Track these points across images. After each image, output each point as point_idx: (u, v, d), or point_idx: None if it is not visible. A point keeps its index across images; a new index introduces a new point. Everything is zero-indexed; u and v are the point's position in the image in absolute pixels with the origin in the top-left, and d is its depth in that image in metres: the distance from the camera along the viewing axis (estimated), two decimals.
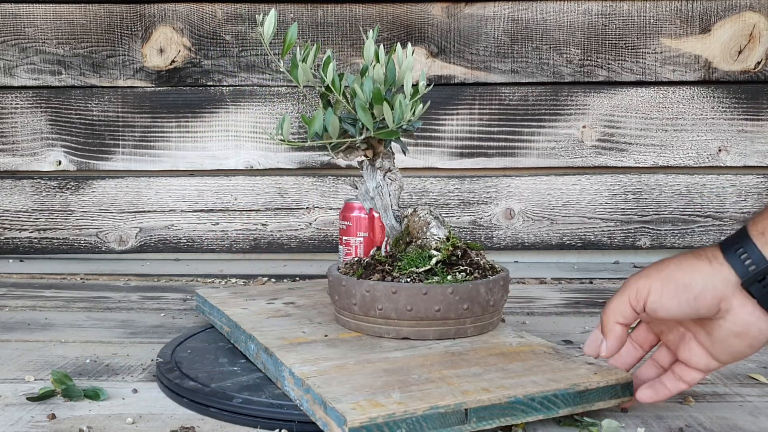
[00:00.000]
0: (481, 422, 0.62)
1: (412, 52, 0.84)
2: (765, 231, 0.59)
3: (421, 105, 0.81)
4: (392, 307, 0.78)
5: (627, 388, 0.69)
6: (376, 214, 1.02)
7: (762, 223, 0.59)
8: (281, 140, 0.82)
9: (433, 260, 0.79)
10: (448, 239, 0.83)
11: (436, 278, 0.78)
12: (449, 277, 0.79)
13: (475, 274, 0.80)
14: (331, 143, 0.82)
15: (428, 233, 0.83)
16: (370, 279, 0.80)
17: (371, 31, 0.85)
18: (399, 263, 0.81)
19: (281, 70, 0.85)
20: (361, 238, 1.00)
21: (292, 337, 0.81)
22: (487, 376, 0.68)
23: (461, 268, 0.80)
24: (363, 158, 0.88)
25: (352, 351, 0.76)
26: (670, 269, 0.62)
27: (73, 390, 0.75)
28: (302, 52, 0.85)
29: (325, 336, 0.82)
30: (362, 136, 0.81)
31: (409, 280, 0.79)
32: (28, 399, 0.75)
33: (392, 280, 0.79)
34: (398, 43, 0.84)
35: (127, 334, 1.03)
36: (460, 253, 0.82)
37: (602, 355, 0.68)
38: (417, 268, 0.79)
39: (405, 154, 0.92)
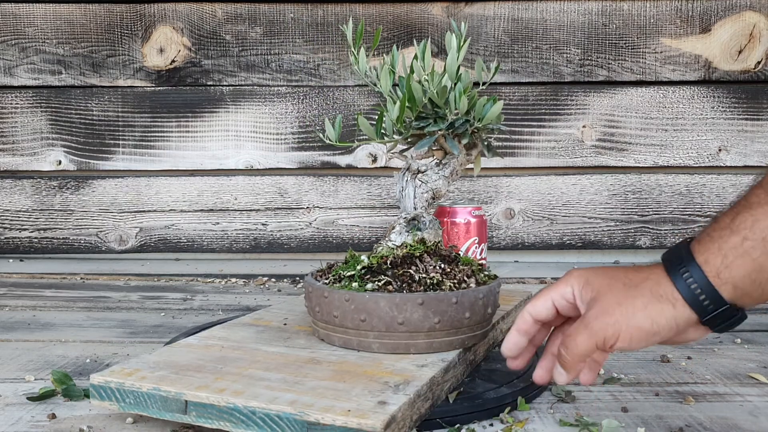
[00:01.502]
0: (201, 418, 0.62)
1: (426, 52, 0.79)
2: (719, 272, 0.57)
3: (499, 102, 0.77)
4: (309, 306, 0.78)
5: None
6: (457, 219, 1.00)
7: (710, 254, 0.58)
8: (329, 142, 0.80)
9: (359, 266, 0.77)
10: (407, 246, 0.78)
11: (354, 284, 0.75)
12: (368, 286, 0.74)
13: (389, 288, 0.73)
14: (409, 134, 0.78)
15: (388, 238, 0.81)
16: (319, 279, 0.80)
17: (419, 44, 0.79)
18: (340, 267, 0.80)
19: (367, 76, 0.80)
20: None
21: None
22: (287, 386, 0.63)
23: (382, 278, 0.74)
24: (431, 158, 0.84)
25: (256, 337, 0.80)
26: (634, 311, 0.59)
27: (74, 390, 0.75)
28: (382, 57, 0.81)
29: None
30: (450, 130, 0.76)
31: (333, 284, 0.77)
32: (28, 399, 0.75)
33: (325, 282, 0.78)
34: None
35: (127, 333, 1.03)
36: (402, 261, 0.76)
37: (560, 382, 0.65)
38: (344, 272, 0.77)
39: (488, 155, 0.83)
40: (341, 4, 1.59)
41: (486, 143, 0.82)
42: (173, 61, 1.61)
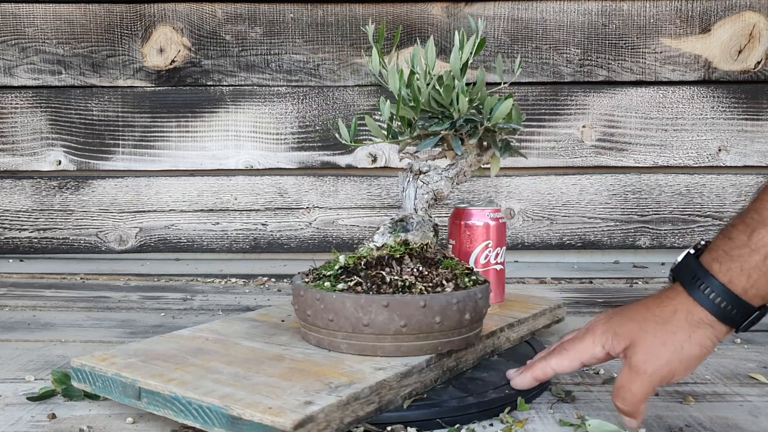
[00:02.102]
0: (151, 405, 0.65)
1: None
2: (746, 290, 0.59)
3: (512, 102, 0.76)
4: (293, 302, 0.79)
5: None
6: (471, 222, 0.94)
7: (733, 274, 0.60)
8: (345, 143, 0.79)
9: (336, 266, 0.77)
10: (387, 247, 0.78)
11: (327, 284, 0.75)
12: (339, 286, 0.73)
13: (358, 288, 0.72)
14: (415, 135, 0.77)
15: (371, 238, 0.81)
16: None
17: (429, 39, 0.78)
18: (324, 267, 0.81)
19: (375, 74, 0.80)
20: (450, 246, 0.96)
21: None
22: (233, 380, 0.65)
23: (353, 279, 0.74)
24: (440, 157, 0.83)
25: (245, 332, 0.82)
26: (681, 345, 0.61)
27: (74, 390, 0.75)
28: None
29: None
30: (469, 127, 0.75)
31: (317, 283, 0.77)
32: (28, 399, 0.75)
33: (305, 281, 0.78)
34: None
35: (127, 333, 1.03)
36: (377, 262, 0.76)
37: (632, 427, 0.66)
38: (325, 272, 0.77)
39: (500, 155, 0.81)
40: (341, 4, 1.59)
41: (502, 143, 0.80)
42: (173, 61, 1.61)
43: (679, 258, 0.65)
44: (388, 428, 0.66)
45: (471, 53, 0.78)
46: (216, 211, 1.64)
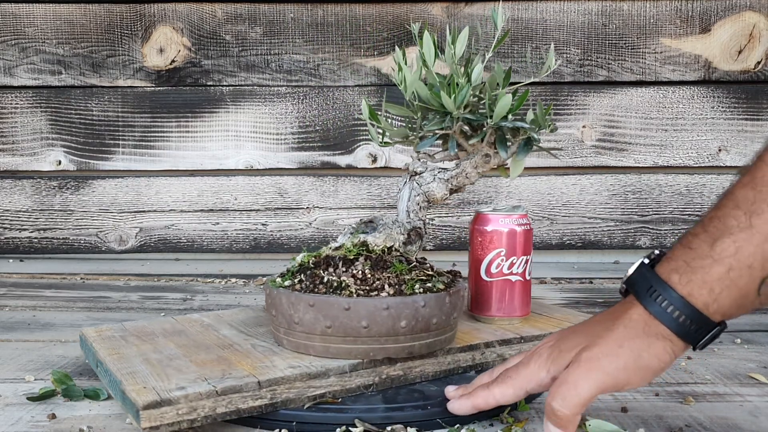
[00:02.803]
0: (100, 375, 0.76)
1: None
2: (708, 305, 0.54)
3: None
4: None
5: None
6: (482, 227, 0.86)
7: (693, 286, 0.55)
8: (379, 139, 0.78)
9: (294, 263, 0.79)
10: (344, 248, 0.78)
11: (278, 280, 0.77)
12: (286, 282, 0.75)
13: (297, 287, 0.74)
14: (420, 135, 0.75)
15: (335, 239, 0.81)
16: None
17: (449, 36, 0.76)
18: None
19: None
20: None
21: None
22: (158, 361, 0.73)
23: (299, 277, 0.75)
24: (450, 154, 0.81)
25: (236, 320, 0.89)
26: (639, 352, 0.55)
27: (74, 390, 0.75)
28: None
29: None
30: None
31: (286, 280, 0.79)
32: (28, 399, 0.75)
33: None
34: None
35: None
36: (324, 261, 0.77)
37: None
38: (288, 270, 0.79)
39: (505, 157, 0.78)
40: (341, 4, 1.59)
41: (521, 142, 0.75)
42: (173, 61, 1.61)
43: (632, 269, 0.59)
44: (388, 428, 0.66)
45: (465, 48, 0.76)
46: (216, 211, 1.64)
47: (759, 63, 1.59)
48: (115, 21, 1.60)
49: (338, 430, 0.66)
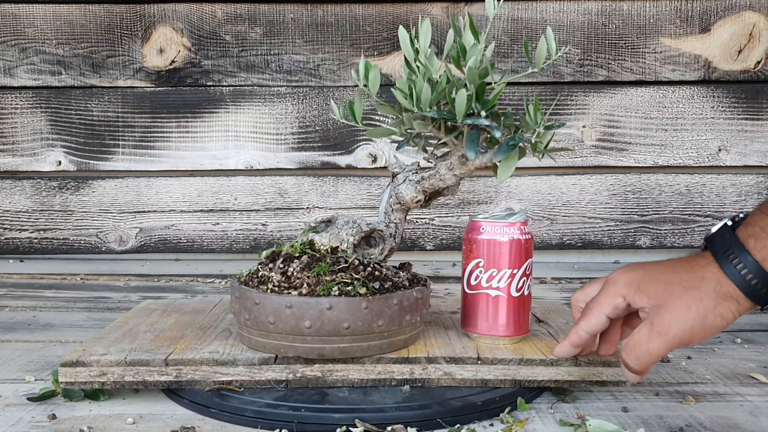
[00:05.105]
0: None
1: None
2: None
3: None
4: None
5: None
6: (472, 235, 0.79)
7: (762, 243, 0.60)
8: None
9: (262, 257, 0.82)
10: (295, 245, 0.79)
11: (244, 272, 0.81)
12: (244, 274, 0.80)
13: (242, 279, 0.78)
14: (415, 135, 0.74)
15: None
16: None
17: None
18: None
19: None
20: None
21: None
22: (116, 338, 0.81)
23: (263, 274, 0.77)
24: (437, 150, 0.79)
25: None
26: (705, 312, 0.61)
27: (74, 390, 0.75)
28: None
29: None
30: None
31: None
32: (28, 399, 0.75)
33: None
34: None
35: None
36: (270, 258, 0.79)
37: (633, 381, 0.68)
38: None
39: (473, 158, 0.74)
40: (341, 4, 1.59)
41: (505, 142, 0.70)
42: (173, 61, 1.61)
43: (715, 228, 0.64)
44: (388, 428, 0.66)
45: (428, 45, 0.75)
46: (216, 211, 1.64)
47: (759, 63, 1.59)
48: (115, 21, 1.60)
49: (338, 430, 0.66)
